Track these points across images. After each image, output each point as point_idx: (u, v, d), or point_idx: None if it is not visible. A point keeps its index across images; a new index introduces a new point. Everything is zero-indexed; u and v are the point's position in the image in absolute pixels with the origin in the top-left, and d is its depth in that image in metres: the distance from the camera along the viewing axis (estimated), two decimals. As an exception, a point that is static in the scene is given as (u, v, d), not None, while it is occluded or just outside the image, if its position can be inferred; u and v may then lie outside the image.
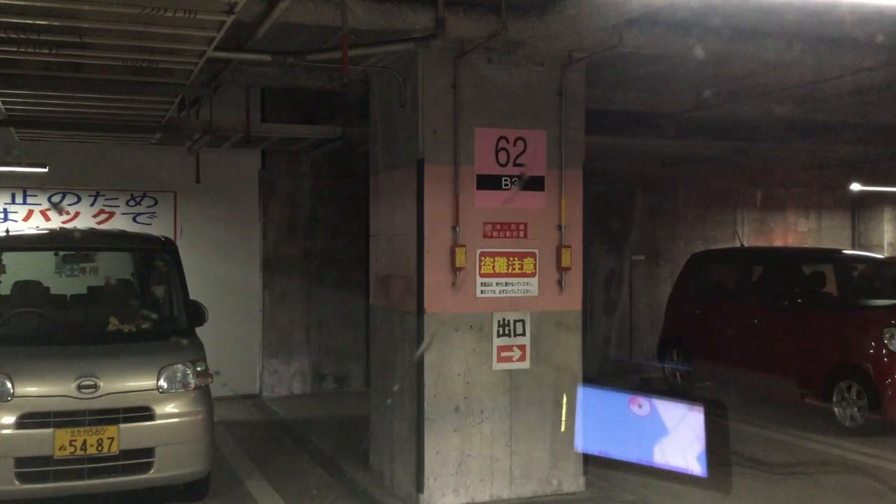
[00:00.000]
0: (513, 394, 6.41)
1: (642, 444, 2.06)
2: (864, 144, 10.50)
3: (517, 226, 6.44)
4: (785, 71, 7.38)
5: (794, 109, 8.93)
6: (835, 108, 8.84)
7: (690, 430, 1.99)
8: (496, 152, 6.39)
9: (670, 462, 2.00)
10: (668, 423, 2.03)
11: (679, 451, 1.99)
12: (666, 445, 2.01)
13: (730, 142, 9.97)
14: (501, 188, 6.40)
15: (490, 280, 6.36)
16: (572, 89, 6.56)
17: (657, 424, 2.03)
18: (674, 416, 2.03)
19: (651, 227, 13.37)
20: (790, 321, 9.47)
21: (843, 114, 9.11)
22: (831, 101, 8.55)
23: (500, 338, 6.38)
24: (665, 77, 7.90)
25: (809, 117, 9.42)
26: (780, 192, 14.01)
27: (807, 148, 10.54)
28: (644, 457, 2.06)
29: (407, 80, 6.44)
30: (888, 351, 8.33)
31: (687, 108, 8.83)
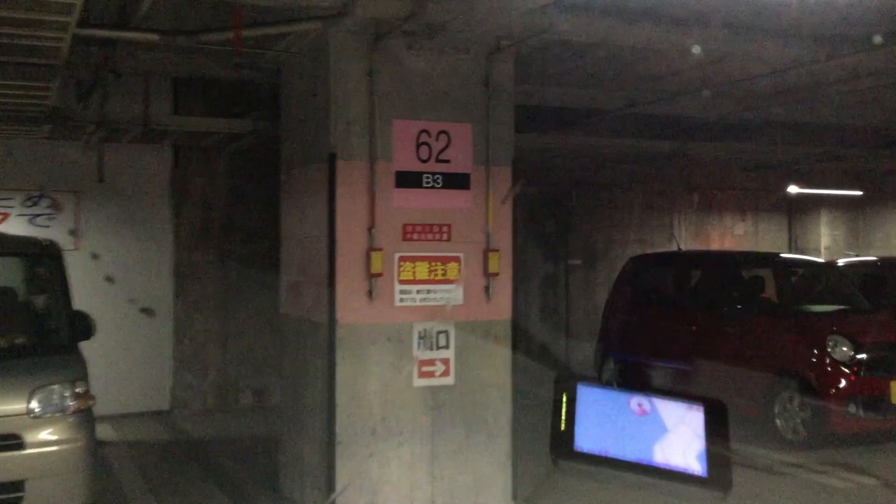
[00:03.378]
0: (435, 413, 5.82)
1: (641, 443, 2.06)
2: (802, 145, 10.21)
3: (440, 228, 5.87)
4: (720, 66, 6.98)
5: (732, 107, 8.58)
6: (772, 108, 8.51)
7: (690, 429, 2.02)
8: (417, 147, 5.81)
9: (669, 461, 2.01)
10: (667, 423, 2.05)
11: (679, 450, 2.02)
12: (665, 445, 2.04)
13: (667, 141, 9.56)
14: (423, 186, 5.82)
15: (410, 287, 5.77)
16: (500, 80, 6.02)
17: (656, 424, 2.06)
18: (673, 415, 2.06)
19: (588, 230, 12.98)
20: (729, 328, 9.09)
21: (782, 113, 8.78)
22: (769, 99, 8.21)
23: (421, 351, 5.79)
24: (599, 71, 7.43)
25: (747, 117, 9.08)
26: (718, 194, 13.75)
27: (744, 148, 10.22)
28: (643, 456, 2.05)
29: (319, 67, 5.82)
30: (832, 360, 7.99)
31: (623, 105, 8.39)
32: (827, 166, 12.21)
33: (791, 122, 9.45)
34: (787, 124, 9.52)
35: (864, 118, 9.42)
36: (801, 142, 10.12)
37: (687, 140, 9.48)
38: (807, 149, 10.37)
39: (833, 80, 7.16)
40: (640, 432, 2.07)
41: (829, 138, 10.38)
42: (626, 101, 8.32)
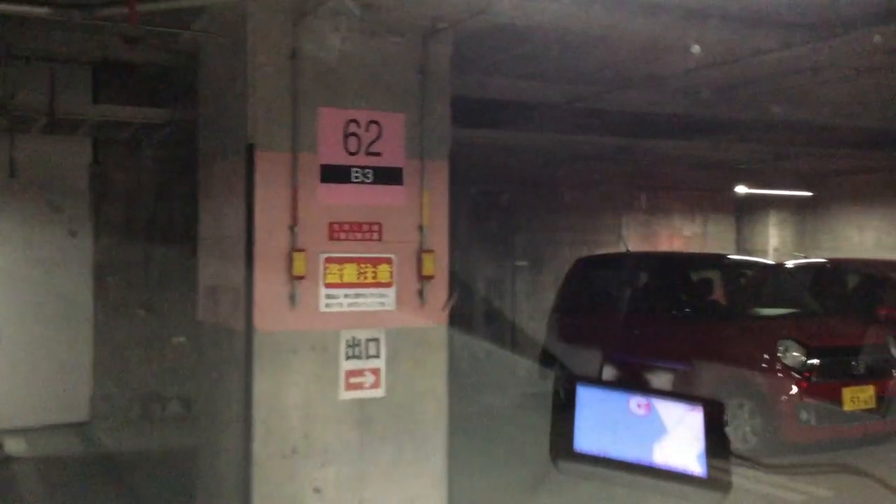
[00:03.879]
0: (364, 428, 5.33)
1: (641, 443, 2.05)
2: (751, 144, 9.95)
3: (370, 226, 5.38)
4: (669, 58, 6.62)
5: (682, 102, 8.25)
6: (723, 103, 8.21)
7: (690, 429, 2.03)
8: (345, 138, 5.32)
9: (669, 462, 2.00)
10: (667, 423, 2.06)
11: (678, 451, 2.02)
12: (665, 445, 2.04)
13: (613, 138, 9.21)
14: (351, 181, 5.33)
15: (337, 291, 5.28)
16: (437, 66, 5.56)
17: (656, 424, 2.05)
18: (673, 415, 2.07)
19: (535, 231, 12.62)
20: (677, 332, 8.76)
21: (732, 109, 8.48)
22: (720, 93, 7.90)
23: (348, 361, 5.30)
24: (545, 61, 7.02)
25: (696, 113, 8.77)
26: (667, 194, 13.50)
27: (692, 146, 9.92)
28: (643, 457, 2.04)
29: (236, 48, 5.29)
30: (783, 366, 7.69)
31: (570, 99, 8.00)
32: (776, 166, 12.02)
33: (740, 121, 9.17)
34: (736, 122, 9.23)
35: (814, 116, 9.18)
36: (750, 140, 9.86)
37: (634, 137, 9.14)
38: (756, 147, 10.11)
39: (786, 72, 6.85)
40: (640, 433, 2.09)
41: (778, 137, 10.14)
42: (572, 95, 7.93)
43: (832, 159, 11.63)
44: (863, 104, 8.76)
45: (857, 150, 10.69)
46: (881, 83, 7.55)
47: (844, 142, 10.35)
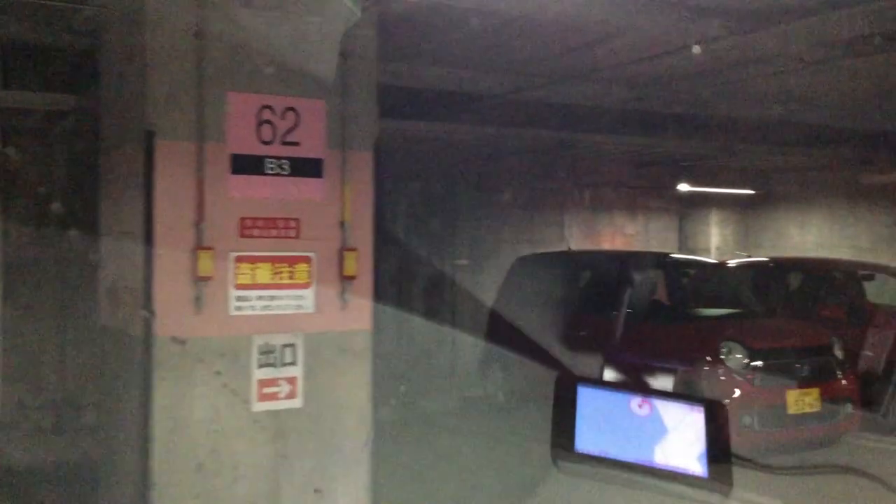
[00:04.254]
0: (279, 443, 4.89)
1: (642, 444, 2.02)
2: (694, 140, 9.70)
3: (286, 222, 4.94)
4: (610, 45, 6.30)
5: (626, 95, 7.96)
6: (665, 98, 7.95)
7: (690, 429, 2.00)
8: (258, 126, 4.87)
9: (670, 462, 1.97)
10: (667, 423, 2.02)
11: (679, 451, 1.98)
12: (666, 445, 2.00)
13: (554, 132, 8.87)
14: (265, 173, 4.88)
15: (249, 293, 4.83)
16: (360, 49, 5.14)
17: (657, 424, 2.01)
18: (674, 415, 2.03)
19: (476, 228, 12.25)
20: (618, 333, 8.47)
21: (674, 104, 8.23)
22: (662, 86, 7.62)
23: (261, 369, 4.86)
24: (481, 49, 6.65)
25: (640, 107, 8.50)
26: (609, 192, 13.27)
27: (635, 142, 9.64)
28: (644, 457, 2.01)
29: (137, 25, 4.80)
30: (725, 367, 7.44)
31: (509, 90, 7.64)
32: (719, 163, 11.86)
33: (684, 116, 8.92)
34: (680, 118, 8.98)
35: (757, 112, 8.98)
36: (693, 136, 9.62)
37: (574, 131, 8.81)
38: (698, 144, 9.88)
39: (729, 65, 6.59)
40: (641, 433, 2.08)
41: (721, 134, 9.93)
42: (510, 86, 7.57)
43: (775, 157, 11.50)
44: (806, 100, 8.58)
45: (799, 147, 10.55)
46: (826, 78, 7.34)
47: (787, 139, 10.20)
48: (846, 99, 8.64)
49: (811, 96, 8.41)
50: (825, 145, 10.50)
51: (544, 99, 7.91)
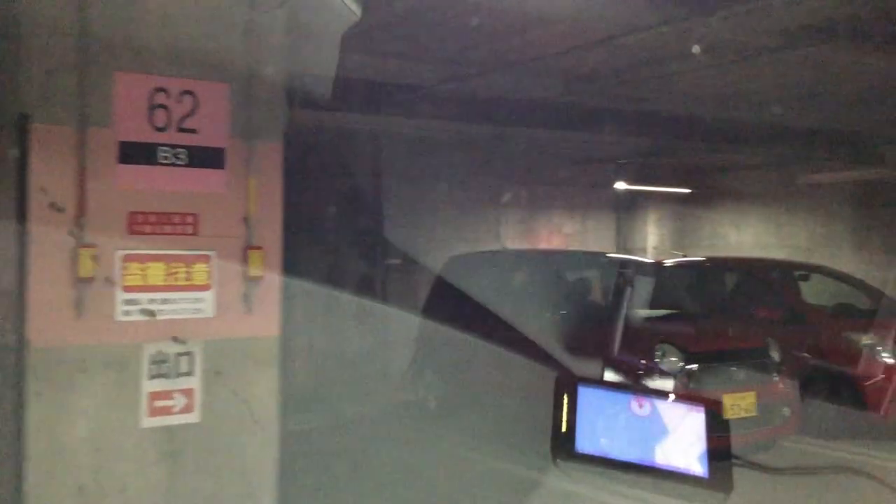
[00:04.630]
0: (173, 461, 4.42)
1: (642, 444, 2.05)
2: (631, 137, 9.45)
3: (183, 217, 4.47)
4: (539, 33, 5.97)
5: (559, 88, 7.64)
6: (602, 92, 7.66)
7: (691, 430, 2.05)
8: (150, 110, 4.39)
9: (671, 462, 2.02)
10: (668, 424, 2.05)
11: (680, 451, 2.03)
12: (666, 446, 2.05)
13: (484, 125, 8.50)
14: (158, 163, 4.41)
15: (139, 296, 4.35)
16: (267, 29, 4.69)
17: (658, 425, 2.05)
18: (674, 416, 2.06)
19: (409, 226, 11.85)
20: (551, 335, 8.15)
21: (611, 99, 7.94)
22: (598, 80, 7.33)
23: (153, 380, 4.38)
24: (408, 35, 6.25)
25: (575, 101, 8.20)
26: (547, 189, 12.99)
27: (571, 137, 9.34)
28: (644, 457, 2.05)
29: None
30: (659, 371, 7.18)
31: (440, 80, 7.26)
32: (656, 161, 11.67)
33: (620, 112, 8.65)
34: (616, 113, 8.71)
35: (694, 109, 8.77)
36: (630, 133, 9.36)
37: (508, 125, 8.47)
38: (636, 141, 9.64)
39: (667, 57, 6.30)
40: (642, 433, 2.08)
41: (658, 131, 9.69)
42: (442, 76, 7.20)
43: (712, 155, 11.35)
44: (743, 96, 8.38)
45: (736, 145, 10.40)
46: (762, 73, 7.13)
47: (724, 136, 10.02)
48: (783, 96, 8.47)
49: (748, 92, 8.22)
50: (763, 143, 10.37)
51: (476, 91, 7.56)
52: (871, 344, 8.22)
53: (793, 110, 9.00)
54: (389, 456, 7.73)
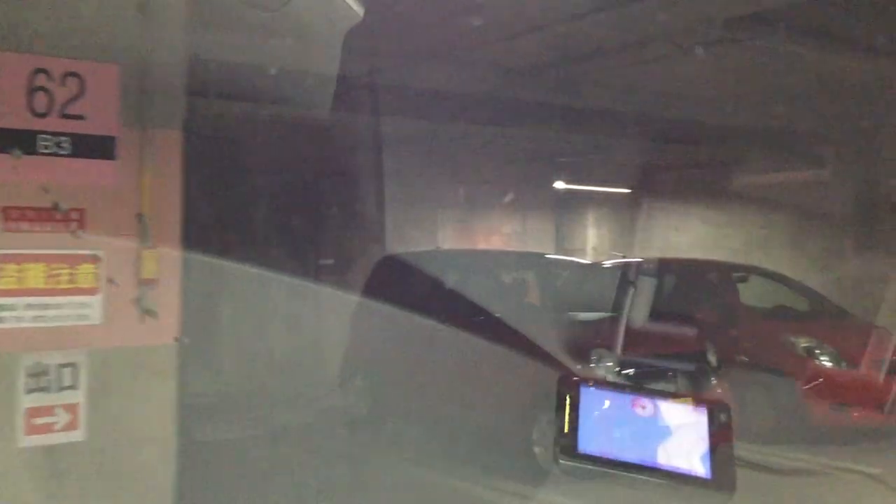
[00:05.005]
0: (55, 484, 3.98)
1: (645, 445, 2.07)
2: (569, 133, 9.17)
3: (66, 214, 4.03)
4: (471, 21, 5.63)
5: (494, 82, 7.33)
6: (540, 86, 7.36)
7: (694, 430, 2.04)
8: (29, 94, 3.94)
9: (673, 463, 2.03)
10: (671, 424, 2.07)
11: (682, 452, 2.04)
12: (669, 446, 2.06)
13: (420, 120, 8.14)
14: (38, 152, 3.96)
15: (15, 301, 3.90)
16: (162, 5, 4.26)
17: (660, 425, 2.07)
18: (677, 416, 2.08)
19: (343, 225, 11.43)
20: (486, 340, 7.83)
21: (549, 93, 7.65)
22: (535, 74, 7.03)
23: (31, 395, 3.93)
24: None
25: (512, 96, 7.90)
26: (485, 188, 12.69)
27: (510, 133, 9.03)
28: (647, 458, 2.07)
29: None
30: (595, 378, 6.89)
31: (368, 71, 6.89)
32: (596, 160, 11.46)
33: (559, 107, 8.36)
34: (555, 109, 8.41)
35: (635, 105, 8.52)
36: (569, 130, 9.08)
37: (442, 121, 8.12)
38: (575, 138, 9.36)
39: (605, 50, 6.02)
40: (644, 434, 2.12)
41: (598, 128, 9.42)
42: (369, 67, 6.81)
43: (652, 154, 11.16)
44: (683, 94, 8.18)
45: (675, 144, 10.22)
46: (702, 66, 6.91)
47: (663, 136, 9.84)
48: (723, 93, 8.31)
49: (688, 89, 8.02)
50: (701, 143, 10.22)
51: (406, 84, 7.18)
52: (810, 347, 8.08)
53: (732, 108, 8.84)
54: (304, 468, 7.30)
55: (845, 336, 8.43)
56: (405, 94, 7.47)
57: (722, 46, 5.84)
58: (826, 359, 7.95)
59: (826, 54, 6.39)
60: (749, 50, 6.10)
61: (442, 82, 7.51)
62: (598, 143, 9.95)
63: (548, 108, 7.98)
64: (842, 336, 8.38)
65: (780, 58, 6.54)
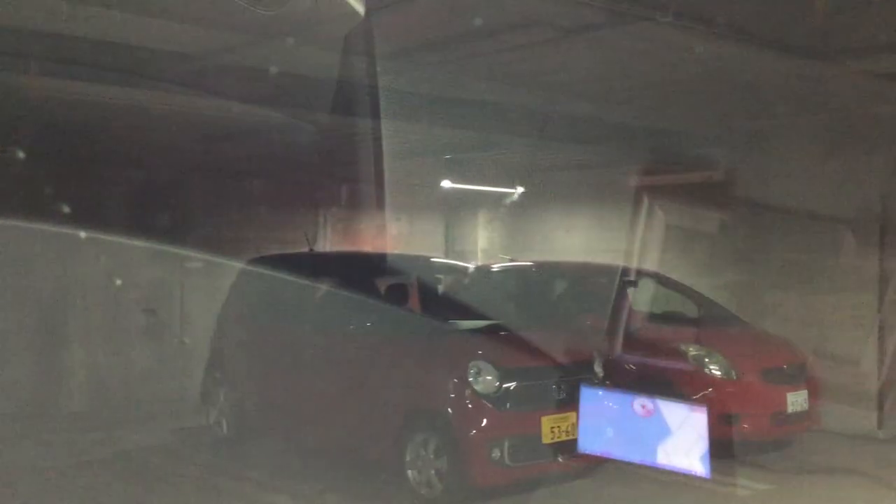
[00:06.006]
0: None
1: (645, 444, 2.20)
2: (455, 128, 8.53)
3: None
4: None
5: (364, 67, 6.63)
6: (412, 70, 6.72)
7: (693, 430, 2.13)
8: None
9: (673, 463, 2.18)
10: (671, 424, 2.14)
11: (682, 452, 2.13)
12: (669, 446, 2.16)
13: (285, 109, 7.37)
14: None
15: None
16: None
17: (660, 425, 2.16)
18: (677, 416, 2.14)
19: (213, 226, 10.53)
20: (358, 351, 7.17)
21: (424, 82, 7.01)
22: (400, 58, 6.39)
23: None
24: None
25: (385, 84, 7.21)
26: (369, 188, 11.98)
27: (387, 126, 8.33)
28: (647, 458, 2.21)
29: None
30: (473, 392, 6.30)
31: (215, 49, 6.10)
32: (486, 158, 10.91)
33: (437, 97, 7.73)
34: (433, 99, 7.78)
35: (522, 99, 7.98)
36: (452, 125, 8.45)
37: (306, 109, 7.35)
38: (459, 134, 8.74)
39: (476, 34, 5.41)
40: (644, 434, 2.30)
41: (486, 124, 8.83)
42: (218, 44, 6.03)
43: (542, 152, 10.68)
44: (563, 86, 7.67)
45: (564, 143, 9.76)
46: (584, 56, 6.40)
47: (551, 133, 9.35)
48: (611, 88, 7.85)
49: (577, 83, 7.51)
50: (592, 142, 9.79)
51: (262, 65, 6.42)
52: (699, 355, 7.71)
53: (622, 105, 8.42)
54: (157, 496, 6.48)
55: (737, 343, 8.11)
56: (258, 78, 6.70)
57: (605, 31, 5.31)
58: (716, 367, 7.59)
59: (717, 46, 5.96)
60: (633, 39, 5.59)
61: (309, 67, 6.79)
62: (487, 140, 9.38)
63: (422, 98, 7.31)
64: (733, 343, 8.05)
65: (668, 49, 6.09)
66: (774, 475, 6.90)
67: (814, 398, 7.91)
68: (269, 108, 7.26)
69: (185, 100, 6.96)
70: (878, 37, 6.16)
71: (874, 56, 6.34)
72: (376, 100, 7.83)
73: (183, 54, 6.21)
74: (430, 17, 5.24)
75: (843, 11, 5.53)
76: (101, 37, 5.97)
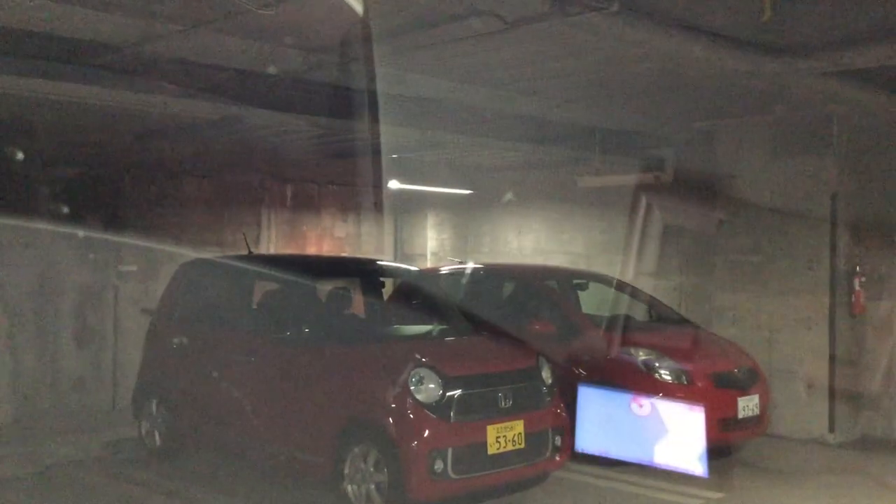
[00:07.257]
0: None
1: (642, 444, 1.86)
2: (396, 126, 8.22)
3: None
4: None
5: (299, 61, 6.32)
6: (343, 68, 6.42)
7: (691, 430, 1.91)
8: None
9: (671, 462, 1.78)
10: (668, 424, 1.92)
11: (680, 451, 1.95)
12: (666, 445, 1.92)
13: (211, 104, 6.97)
14: None
15: None
16: None
17: (658, 425, 1.91)
18: (674, 416, 1.89)
19: (148, 227, 10.08)
20: (294, 360, 6.82)
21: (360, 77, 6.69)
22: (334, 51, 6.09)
23: None
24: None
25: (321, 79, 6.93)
26: (315, 188, 11.64)
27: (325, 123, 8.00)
28: (644, 457, 1.83)
29: None
30: (414, 401, 6.01)
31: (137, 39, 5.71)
32: (434, 157, 10.64)
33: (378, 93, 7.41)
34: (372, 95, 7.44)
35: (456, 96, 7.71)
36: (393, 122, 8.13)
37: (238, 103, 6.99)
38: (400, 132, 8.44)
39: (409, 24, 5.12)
40: (642, 433, 2.37)
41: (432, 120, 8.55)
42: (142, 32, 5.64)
43: (489, 151, 10.45)
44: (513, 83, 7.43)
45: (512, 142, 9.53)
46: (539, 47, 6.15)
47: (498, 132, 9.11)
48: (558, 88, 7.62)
49: (520, 79, 7.27)
50: (542, 142, 9.57)
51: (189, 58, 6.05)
52: (648, 360, 7.49)
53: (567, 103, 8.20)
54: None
55: (687, 347, 7.92)
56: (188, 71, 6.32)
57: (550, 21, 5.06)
58: (666, 372, 7.37)
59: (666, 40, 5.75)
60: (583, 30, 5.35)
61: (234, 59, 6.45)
62: (432, 140, 9.10)
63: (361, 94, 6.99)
64: (684, 347, 7.86)
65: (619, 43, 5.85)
66: (725, 482, 6.71)
67: (765, 403, 7.78)
68: (205, 103, 6.87)
69: (114, 93, 6.54)
70: (830, 34, 6.02)
71: (824, 54, 6.19)
72: (317, 96, 7.52)
73: (107, 45, 5.81)
74: (370, 8, 4.93)
75: (795, 4, 5.35)
76: (21, 26, 5.58)
